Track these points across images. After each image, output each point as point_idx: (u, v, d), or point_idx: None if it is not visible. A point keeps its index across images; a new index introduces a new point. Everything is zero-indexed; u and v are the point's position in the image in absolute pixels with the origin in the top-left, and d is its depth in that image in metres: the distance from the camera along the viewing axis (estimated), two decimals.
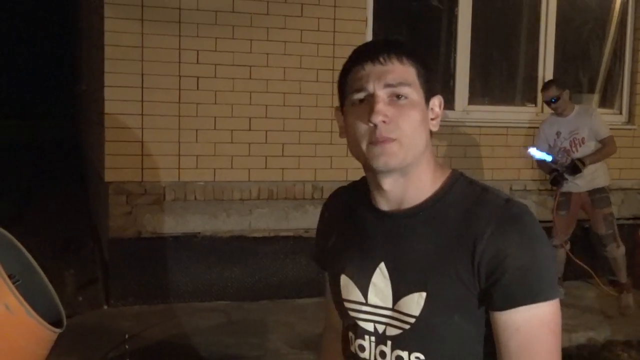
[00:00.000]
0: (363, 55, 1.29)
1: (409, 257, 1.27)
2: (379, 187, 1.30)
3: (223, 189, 5.13)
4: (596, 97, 6.49)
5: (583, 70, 6.54)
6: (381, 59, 1.26)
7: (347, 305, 1.36)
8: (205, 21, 5.00)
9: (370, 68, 1.26)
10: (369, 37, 5.39)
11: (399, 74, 1.26)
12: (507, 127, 5.88)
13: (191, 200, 5.06)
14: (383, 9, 5.57)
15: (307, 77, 5.24)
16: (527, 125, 5.92)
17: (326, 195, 5.96)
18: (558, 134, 5.20)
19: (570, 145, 5.16)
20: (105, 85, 4.86)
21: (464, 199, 1.27)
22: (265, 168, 5.22)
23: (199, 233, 5.12)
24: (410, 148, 1.25)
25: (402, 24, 5.98)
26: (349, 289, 1.36)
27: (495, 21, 6.25)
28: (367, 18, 5.43)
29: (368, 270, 1.32)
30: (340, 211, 1.45)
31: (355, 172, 1.38)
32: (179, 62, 4.96)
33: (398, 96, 1.25)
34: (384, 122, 1.23)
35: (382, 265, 1.30)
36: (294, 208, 5.33)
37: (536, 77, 6.08)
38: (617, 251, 5.20)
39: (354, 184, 1.45)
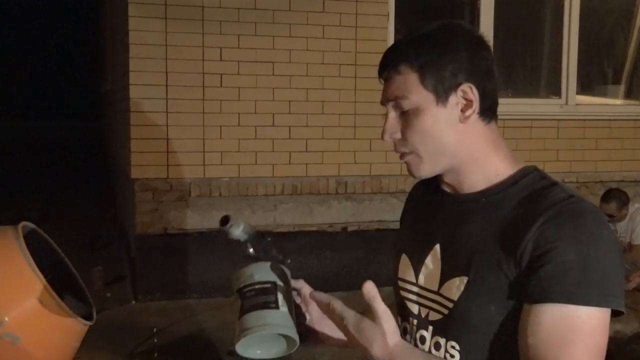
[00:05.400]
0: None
1: (461, 241, 1.24)
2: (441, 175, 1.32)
3: (247, 184, 5.17)
4: (622, 88, 6.41)
5: (608, 61, 6.46)
6: (383, 76, 1.26)
7: (400, 284, 1.36)
8: (227, 18, 5.03)
9: (382, 85, 1.27)
10: (390, 32, 5.39)
11: (396, 86, 1.22)
12: (532, 119, 5.84)
13: (216, 196, 5.11)
14: (404, 3, 5.55)
15: (330, 72, 5.24)
16: (552, 117, 5.87)
17: (350, 190, 5.93)
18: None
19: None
20: (130, 84, 4.92)
21: (529, 190, 1.22)
22: (289, 163, 5.25)
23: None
24: (431, 156, 1.23)
25: (423, 18, 5.93)
26: (405, 268, 1.36)
27: (518, 13, 6.20)
28: (388, 13, 5.42)
29: (424, 250, 1.31)
30: (415, 198, 1.46)
31: (379, 166, 1.40)
32: (203, 60, 5.00)
33: (402, 108, 1.23)
34: (398, 138, 1.24)
35: (438, 246, 1.29)
36: (318, 203, 5.35)
37: (560, 69, 6.02)
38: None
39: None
